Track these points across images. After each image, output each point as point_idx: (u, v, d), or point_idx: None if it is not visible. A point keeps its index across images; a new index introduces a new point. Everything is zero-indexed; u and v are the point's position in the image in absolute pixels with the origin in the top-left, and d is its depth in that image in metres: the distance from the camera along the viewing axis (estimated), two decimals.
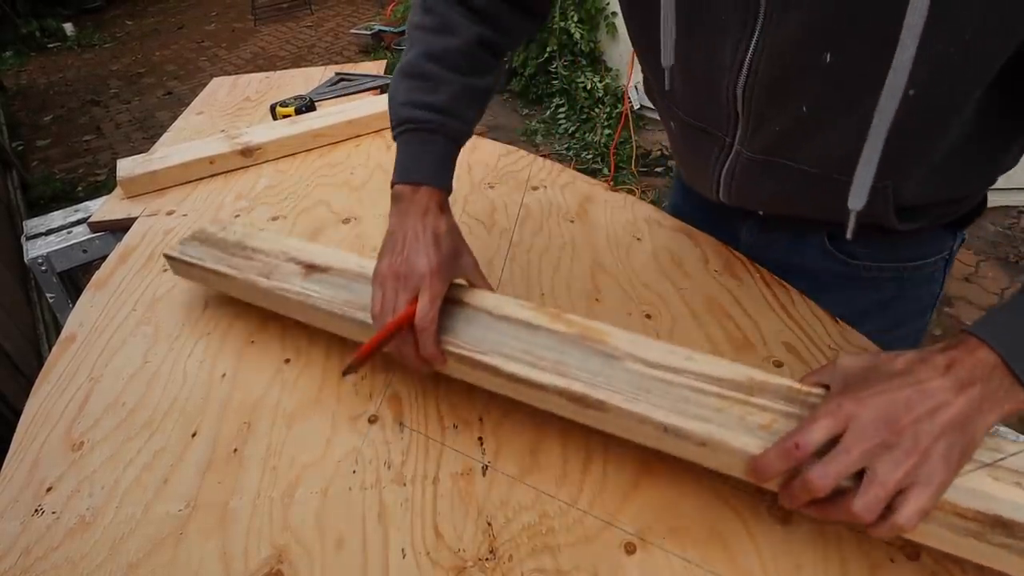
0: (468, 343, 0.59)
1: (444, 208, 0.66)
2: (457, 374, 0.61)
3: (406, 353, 0.60)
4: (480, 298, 0.65)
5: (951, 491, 0.42)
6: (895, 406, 0.42)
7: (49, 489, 0.60)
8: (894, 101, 0.47)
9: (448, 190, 0.67)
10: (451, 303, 0.63)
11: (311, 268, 0.72)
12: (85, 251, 1.12)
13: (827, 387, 0.50)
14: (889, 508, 0.41)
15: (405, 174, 0.65)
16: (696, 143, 0.71)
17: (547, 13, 0.77)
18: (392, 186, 0.66)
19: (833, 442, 0.43)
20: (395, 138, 0.67)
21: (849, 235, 0.59)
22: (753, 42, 0.54)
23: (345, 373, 0.57)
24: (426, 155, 0.65)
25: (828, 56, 0.50)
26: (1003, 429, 0.48)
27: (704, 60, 0.60)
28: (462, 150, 0.70)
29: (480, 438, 0.62)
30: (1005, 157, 0.61)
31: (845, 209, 0.59)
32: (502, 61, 0.72)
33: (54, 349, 0.78)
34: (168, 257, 0.81)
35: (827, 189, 0.57)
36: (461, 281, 0.67)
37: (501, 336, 0.59)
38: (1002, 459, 0.45)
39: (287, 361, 0.73)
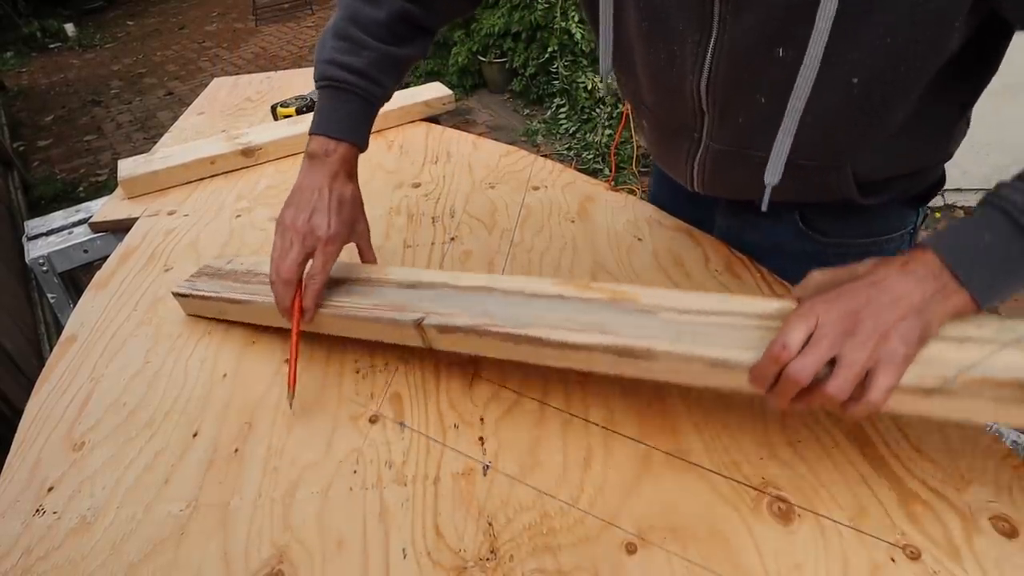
0: (508, 322, 0.60)
1: (352, 175, 0.73)
2: (501, 354, 0.61)
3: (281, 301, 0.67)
4: (509, 282, 0.66)
5: (988, 369, 0.46)
6: (857, 301, 0.48)
7: (50, 489, 0.61)
8: (808, 84, 0.54)
9: (361, 147, 0.74)
10: (484, 291, 0.65)
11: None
12: (86, 251, 1.12)
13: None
14: (862, 388, 0.46)
15: (323, 126, 0.72)
16: (668, 139, 0.75)
17: None
18: (309, 135, 0.72)
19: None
20: (317, 88, 0.73)
21: (764, 207, 0.67)
22: (711, 44, 0.59)
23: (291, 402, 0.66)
24: (343, 111, 0.72)
25: (780, 51, 0.55)
26: None
27: (667, 64, 0.64)
28: (463, 149, 0.71)
29: (481, 438, 0.62)
30: (954, 131, 0.67)
31: (811, 193, 0.68)
32: (427, 34, 0.77)
33: (55, 349, 0.78)
34: (178, 295, 0.80)
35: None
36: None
37: (538, 311, 0.61)
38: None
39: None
